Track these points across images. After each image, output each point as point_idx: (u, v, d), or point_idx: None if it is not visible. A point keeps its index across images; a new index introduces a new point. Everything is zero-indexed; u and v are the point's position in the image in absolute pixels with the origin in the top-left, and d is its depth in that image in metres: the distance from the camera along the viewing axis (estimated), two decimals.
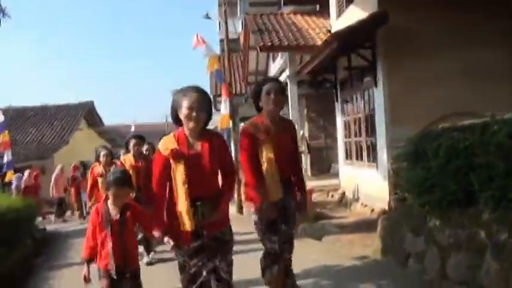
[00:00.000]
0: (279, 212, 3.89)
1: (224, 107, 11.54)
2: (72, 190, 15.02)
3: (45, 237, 10.18)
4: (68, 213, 15.52)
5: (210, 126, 3.78)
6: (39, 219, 13.47)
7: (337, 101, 11.34)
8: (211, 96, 21.06)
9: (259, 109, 4.08)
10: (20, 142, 22.63)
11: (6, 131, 14.24)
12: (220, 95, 20.87)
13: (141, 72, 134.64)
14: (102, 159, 7.35)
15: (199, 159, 3.29)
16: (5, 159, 13.80)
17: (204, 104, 3.26)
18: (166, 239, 3.29)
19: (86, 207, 12.83)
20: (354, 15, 9.15)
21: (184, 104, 3.23)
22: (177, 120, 3.39)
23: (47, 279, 6.27)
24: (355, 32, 7.88)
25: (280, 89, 3.95)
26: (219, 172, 3.48)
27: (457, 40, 7.90)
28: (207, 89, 22.00)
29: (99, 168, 7.28)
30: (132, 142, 6.89)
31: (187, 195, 3.25)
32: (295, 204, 4.11)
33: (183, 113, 3.25)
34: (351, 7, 9.85)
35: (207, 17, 14.14)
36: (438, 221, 4.74)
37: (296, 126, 10.68)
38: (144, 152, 7.09)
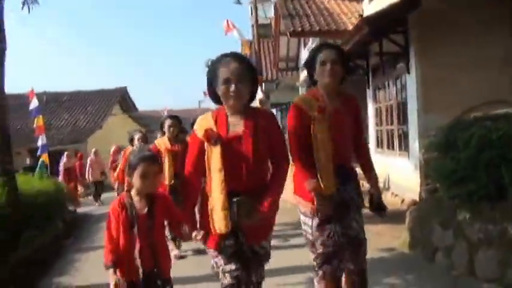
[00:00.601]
0: (335, 208, 3.11)
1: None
2: (112, 173, 15.08)
3: (75, 219, 10.39)
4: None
5: None
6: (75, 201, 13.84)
7: (368, 88, 11.08)
8: None
9: (314, 82, 3.38)
10: (54, 126, 23.20)
11: (41, 116, 14.52)
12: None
13: (172, 57, 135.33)
14: (136, 142, 7.02)
15: (240, 142, 2.72)
16: (39, 143, 14.08)
17: (245, 74, 2.71)
18: (196, 235, 2.72)
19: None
20: None
21: (221, 76, 2.69)
22: (215, 97, 2.84)
23: (73, 261, 6.36)
24: (387, 16, 7.60)
25: (339, 58, 3.22)
26: (268, 160, 2.89)
27: (495, 25, 7.54)
28: None
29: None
30: (168, 123, 6.12)
31: (223, 188, 2.67)
32: (360, 196, 3.32)
33: (219, 87, 2.72)
34: None
35: (238, 2, 14.00)
36: (468, 215, 4.55)
37: None
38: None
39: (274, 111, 20.37)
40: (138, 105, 28.78)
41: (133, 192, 2.90)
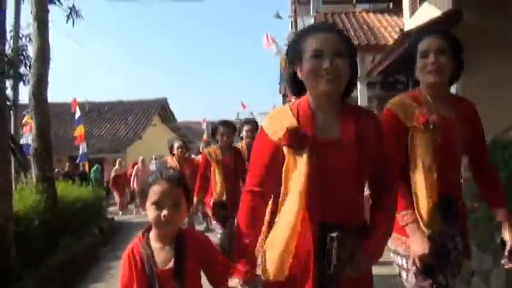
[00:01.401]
0: (436, 253, 2.27)
1: None
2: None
3: (113, 227, 10.56)
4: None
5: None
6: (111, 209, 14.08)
7: None
8: (281, 96, 21.15)
9: (416, 82, 2.56)
10: (94, 136, 23.73)
11: (82, 125, 14.95)
12: (288, 96, 21.01)
13: (210, 70, 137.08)
14: (176, 151, 6.75)
15: (337, 150, 1.85)
16: (80, 151, 14.48)
17: (344, 50, 1.86)
18: None
19: None
20: (428, 13, 8.71)
21: (309, 48, 1.85)
22: (296, 85, 1.97)
23: (109, 268, 6.45)
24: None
25: (448, 46, 2.45)
26: (367, 182, 2.02)
27: None
28: (278, 89, 22.04)
29: (171, 162, 6.61)
30: (220, 130, 5.11)
31: (310, 217, 1.81)
32: (465, 242, 2.47)
33: (304, 67, 1.86)
34: (425, 5, 9.39)
35: (278, 16, 14.07)
36: None
37: None
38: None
39: None
40: (176, 117, 29.18)
41: (151, 234, 2.00)
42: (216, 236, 4.78)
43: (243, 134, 5.51)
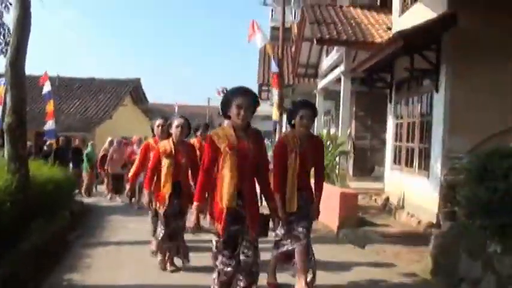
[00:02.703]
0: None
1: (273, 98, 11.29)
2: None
3: (83, 210, 10.21)
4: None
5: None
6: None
7: (390, 102, 10.87)
8: (257, 86, 20.96)
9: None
10: (64, 112, 23.03)
11: (52, 100, 14.35)
12: (266, 85, 20.80)
13: (187, 54, 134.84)
14: (156, 130, 6.14)
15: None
16: (48, 127, 13.90)
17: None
18: None
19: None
20: (419, 13, 8.68)
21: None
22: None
23: (83, 257, 6.14)
24: (422, 32, 7.44)
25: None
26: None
27: None
28: (254, 78, 21.86)
29: (163, 145, 5.49)
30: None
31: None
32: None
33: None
34: (417, 5, 9.34)
35: (264, 3, 13.82)
36: (499, 248, 4.34)
37: (344, 124, 10.25)
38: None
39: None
40: (149, 98, 28.62)
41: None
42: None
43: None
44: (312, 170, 4.70)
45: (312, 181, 4.72)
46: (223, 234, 3.71)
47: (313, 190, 4.64)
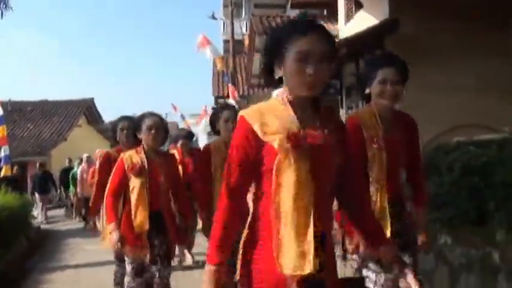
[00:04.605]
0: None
1: None
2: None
3: (40, 235, 9.99)
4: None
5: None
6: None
7: (341, 107, 11.14)
8: (214, 98, 21.06)
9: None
10: (17, 137, 22.44)
11: (4, 126, 13.99)
12: (222, 97, 20.89)
13: (139, 66, 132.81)
14: (120, 135, 4.45)
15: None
16: (2, 154, 13.54)
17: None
18: None
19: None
20: (363, 21, 8.96)
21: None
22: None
23: (39, 282, 6.05)
24: (364, 38, 7.71)
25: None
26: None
27: (470, 51, 7.72)
28: (210, 90, 21.93)
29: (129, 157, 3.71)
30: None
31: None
32: None
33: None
34: (360, 13, 9.67)
35: (213, 17, 13.97)
36: (449, 239, 4.56)
37: None
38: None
39: None
40: (105, 117, 28.18)
41: None
42: None
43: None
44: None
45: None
46: None
47: (414, 203, 3.01)
